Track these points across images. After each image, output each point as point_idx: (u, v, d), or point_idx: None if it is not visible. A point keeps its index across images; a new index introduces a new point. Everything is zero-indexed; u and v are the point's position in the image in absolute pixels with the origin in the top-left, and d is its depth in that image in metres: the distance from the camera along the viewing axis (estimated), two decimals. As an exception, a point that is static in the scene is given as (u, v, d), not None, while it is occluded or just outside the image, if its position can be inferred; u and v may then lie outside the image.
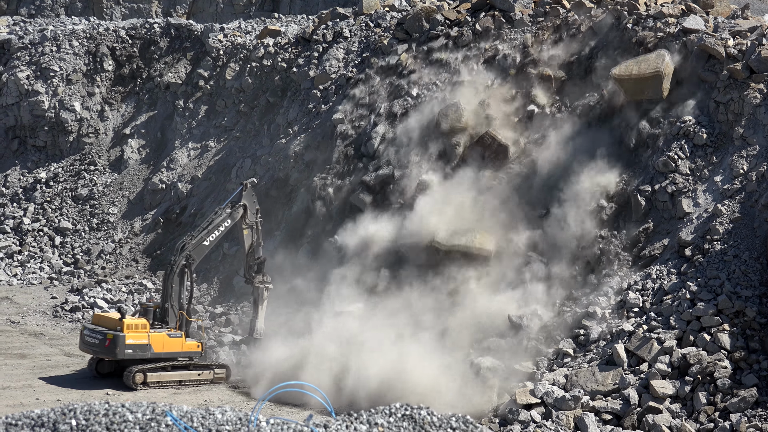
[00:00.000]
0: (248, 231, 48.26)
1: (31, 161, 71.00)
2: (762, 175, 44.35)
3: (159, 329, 46.01)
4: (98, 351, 45.44)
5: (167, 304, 46.57)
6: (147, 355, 45.44)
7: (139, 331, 45.25)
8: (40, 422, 22.42)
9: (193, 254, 46.81)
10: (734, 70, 47.64)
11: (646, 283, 44.00)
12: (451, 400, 40.35)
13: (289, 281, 52.29)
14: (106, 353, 45.24)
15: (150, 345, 45.37)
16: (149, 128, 70.10)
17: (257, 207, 48.83)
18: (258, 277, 48.31)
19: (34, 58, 73.24)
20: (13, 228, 67.35)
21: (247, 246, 48.44)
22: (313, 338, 46.54)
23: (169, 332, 46.06)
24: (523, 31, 57.14)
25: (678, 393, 39.17)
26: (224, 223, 47.63)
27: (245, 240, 48.35)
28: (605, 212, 48.06)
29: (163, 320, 46.52)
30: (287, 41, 68.62)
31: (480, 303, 47.26)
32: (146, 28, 73.79)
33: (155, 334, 45.64)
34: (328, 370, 43.55)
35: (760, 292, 41.04)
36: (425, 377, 42.62)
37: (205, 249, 47.61)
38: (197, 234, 47.47)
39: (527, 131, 53.55)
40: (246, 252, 48.55)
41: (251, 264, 48.39)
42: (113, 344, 44.64)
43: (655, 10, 53.69)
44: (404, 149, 56.06)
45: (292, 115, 63.54)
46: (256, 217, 48.41)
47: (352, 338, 45.60)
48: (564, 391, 40.61)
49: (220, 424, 22.38)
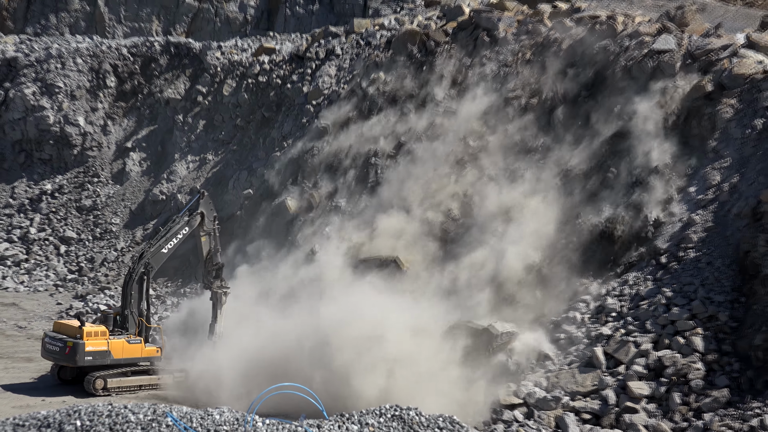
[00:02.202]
0: (206, 238, 47.47)
1: (37, 173, 71.01)
2: (734, 186, 44.46)
3: (118, 336, 45.15)
4: (59, 358, 44.57)
5: (127, 310, 45.63)
6: (107, 362, 44.56)
7: (99, 338, 44.38)
8: (46, 423, 22.51)
9: (152, 262, 45.89)
10: (699, 86, 48.10)
11: (623, 289, 44.17)
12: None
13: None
14: (67, 360, 44.30)
15: (109, 351, 44.54)
16: (150, 142, 70.14)
17: (215, 214, 48.06)
18: (216, 282, 47.44)
19: (39, 75, 73.27)
20: (20, 237, 67.33)
21: (205, 252, 47.61)
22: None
23: (128, 338, 45.16)
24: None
25: (654, 393, 39.26)
26: (182, 231, 46.77)
27: (203, 246, 47.54)
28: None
29: (123, 327, 45.61)
30: (282, 58, 68.73)
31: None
32: (147, 46, 73.84)
33: (115, 341, 44.79)
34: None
35: (732, 297, 41.14)
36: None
37: (163, 256, 46.63)
38: (156, 242, 46.60)
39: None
40: (204, 258, 47.73)
41: (209, 269, 47.58)
42: (73, 351, 43.80)
43: (632, 28, 53.90)
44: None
45: (287, 129, 63.65)
46: (214, 224, 47.60)
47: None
48: (545, 392, 40.68)
49: (218, 425, 22.47)
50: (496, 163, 53.74)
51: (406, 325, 42.88)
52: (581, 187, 49.90)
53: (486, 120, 55.64)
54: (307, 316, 44.04)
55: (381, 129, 58.57)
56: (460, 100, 57.43)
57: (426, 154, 56.23)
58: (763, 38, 51.83)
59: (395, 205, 54.37)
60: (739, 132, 46.30)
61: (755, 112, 46.39)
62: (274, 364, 41.22)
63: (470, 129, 55.78)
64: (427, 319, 44.00)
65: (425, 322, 43.81)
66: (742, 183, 44.33)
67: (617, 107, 50.55)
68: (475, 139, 55.30)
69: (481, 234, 50.24)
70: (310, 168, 59.60)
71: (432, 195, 54.02)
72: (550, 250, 48.22)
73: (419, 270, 50.38)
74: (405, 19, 67.73)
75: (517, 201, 50.80)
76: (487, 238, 49.68)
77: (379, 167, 57.16)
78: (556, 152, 52.14)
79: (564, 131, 52.68)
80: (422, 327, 43.30)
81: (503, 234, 49.31)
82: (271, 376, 39.16)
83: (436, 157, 55.66)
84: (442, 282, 48.55)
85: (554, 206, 49.69)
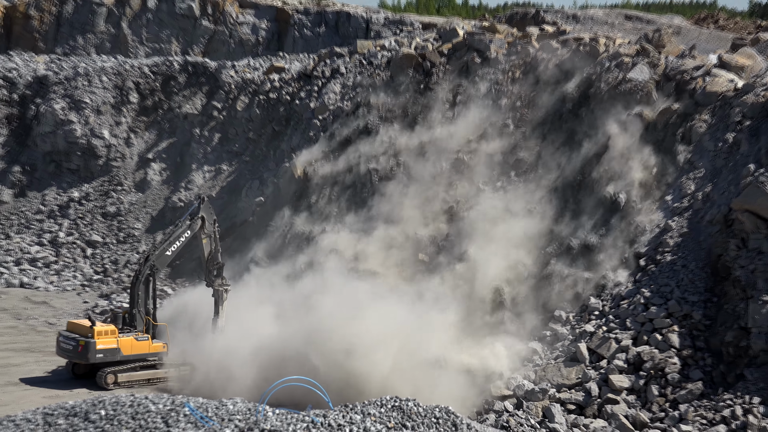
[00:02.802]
0: (207, 240, 47.11)
1: (66, 182, 70.99)
2: (707, 195, 44.48)
3: (127, 333, 44.98)
4: (72, 356, 44.43)
5: (135, 310, 45.47)
6: (117, 358, 44.39)
7: (109, 336, 44.22)
8: (73, 412, 22.48)
9: (157, 264, 45.73)
10: (669, 110, 48.44)
11: (605, 290, 44.28)
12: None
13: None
14: (80, 358, 44.18)
15: (119, 348, 44.37)
16: (169, 153, 70.14)
17: (214, 218, 47.74)
18: (218, 280, 47.14)
19: (68, 92, 73.27)
20: (50, 241, 67.30)
21: (206, 253, 47.23)
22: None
23: (136, 336, 45.03)
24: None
25: (633, 386, 39.23)
26: (185, 234, 46.57)
27: (204, 248, 47.17)
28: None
29: (132, 325, 45.41)
30: (291, 77, 68.74)
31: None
32: (167, 65, 73.85)
33: (124, 339, 44.61)
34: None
35: (705, 297, 41.13)
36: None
37: (167, 258, 46.52)
38: (160, 245, 46.44)
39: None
40: (206, 258, 47.33)
41: (211, 269, 47.22)
42: (85, 350, 43.66)
43: (613, 50, 53.93)
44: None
45: (295, 142, 63.66)
46: (214, 226, 47.29)
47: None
48: (533, 384, 40.65)
49: (232, 414, 22.43)
50: (484, 178, 53.61)
51: (408, 325, 42.76)
52: (566, 198, 49.84)
53: (477, 136, 55.55)
54: (311, 316, 43.76)
55: (379, 145, 58.45)
56: (454, 118, 57.40)
57: (420, 169, 56.07)
58: (734, 59, 51.92)
59: (389, 219, 54.09)
60: (711, 145, 46.34)
61: (727, 126, 46.42)
62: (281, 360, 41.07)
63: (463, 145, 55.69)
64: (424, 322, 43.73)
65: (425, 323, 43.61)
66: (714, 192, 44.34)
67: (600, 123, 50.53)
68: (466, 154, 55.19)
69: (471, 244, 50.00)
70: (312, 184, 59.41)
71: (425, 209, 53.79)
72: (539, 258, 48.12)
73: (409, 280, 49.89)
74: (404, 41, 67.72)
75: (507, 212, 50.66)
76: (476, 248, 49.42)
77: (376, 182, 56.97)
78: (544, 165, 52.07)
79: (550, 146, 52.64)
80: (422, 327, 43.12)
81: (491, 243, 49.12)
82: (277, 370, 39.19)
83: (429, 173, 55.48)
84: (431, 289, 48.01)
85: (542, 214, 49.64)
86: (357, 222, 55.31)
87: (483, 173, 53.78)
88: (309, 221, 57.70)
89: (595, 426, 37.85)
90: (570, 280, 45.92)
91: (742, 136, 45.32)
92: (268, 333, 43.69)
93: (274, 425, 21.46)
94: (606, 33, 64.91)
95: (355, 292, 45.10)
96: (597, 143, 50.11)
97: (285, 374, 29.76)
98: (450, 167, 55.12)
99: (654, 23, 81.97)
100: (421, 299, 45.88)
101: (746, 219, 40.35)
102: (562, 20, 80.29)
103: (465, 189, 53.73)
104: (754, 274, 39.17)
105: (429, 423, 22.83)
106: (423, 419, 22.96)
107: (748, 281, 39.24)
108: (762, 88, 46.70)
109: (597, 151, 49.86)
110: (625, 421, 37.59)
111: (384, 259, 51.59)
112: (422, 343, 41.90)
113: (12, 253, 66.66)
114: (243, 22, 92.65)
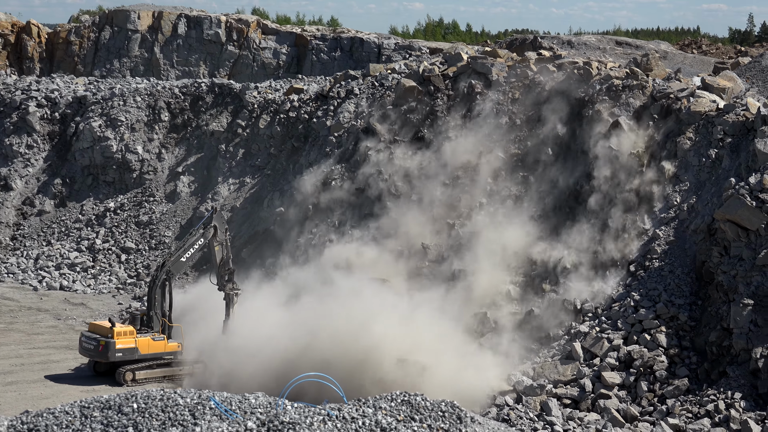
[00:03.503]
0: (219, 247, 46.60)
1: (102, 194, 70.97)
2: (692, 206, 44.45)
3: (145, 334, 44.73)
4: (93, 355, 44.21)
5: (151, 312, 45.18)
6: (135, 357, 44.13)
7: (127, 336, 43.99)
8: (107, 405, 22.32)
9: (172, 269, 45.38)
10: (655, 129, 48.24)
11: (598, 293, 44.11)
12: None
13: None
14: (100, 357, 43.98)
15: (137, 348, 44.10)
16: (197, 167, 70.09)
17: (226, 227, 47.47)
18: (229, 284, 46.68)
19: (105, 111, 73.30)
20: (87, 247, 67.27)
21: (218, 259, 46.67)
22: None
23: (153, 336, 44.75)
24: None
25: (624, 382, 39.06)
26: (198, 242, 46.21)
27: (217, 255, 46.63)
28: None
29: (149, 326, 45.14)
30: (309, 97, 68.65)
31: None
32: (195, 86, 73.85)
33: (141, 339, 44.36)
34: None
35: (690, 300, 41.06)
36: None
37: (182, 265, 46.22)
38: (176, 252, 46.15)
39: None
40: (218, 264, 46.82)
41: (222, 274, 46.68)
42: (105, 349, 43.44)
43: (605, 73, 53.76)
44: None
45: (313, 157, 63.57)
46: (225, 235, 46.93)
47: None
48: (532, 380, 40.46)
49: (254, 407, 22.25)
50: (485, 193, 53.33)
51: (422, 328, 42.48)
52: (562, 212, 49.59)
53: (479, 153, 55.32)
54: (322, 317, 43.27)
55: (387, 163, 58.22)
56: (457, 136, 57.22)
57: (425, 184, 55.79)
58: (716, 81, 51.87)
59: (395, 232, 53.74)
60: (696, 160, 46.30)
61: (710, 143, 46.40)
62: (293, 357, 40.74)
63: (465, 161, 55.44)
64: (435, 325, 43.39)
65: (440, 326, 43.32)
66: (698, 203, 44.32)
67: (593, 141, 50.34)
68: (468, 170, 54.91)
69: (474, 251, 49.66)
70: (325, 197, 59.22)
71: (429, 225, 53.42)
72: (534, 268, 47.71)
73: (415, 289, 49.31)
74: (413, 65, 67.59)
75: (506, 222, 50.37)
76: (475, 262, 49.00)
77: (384, 197, 56.73)
78: (541, 180, 51.85)
79: (548, 163, 52.44)
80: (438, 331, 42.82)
81: (492, 253, 48.77)
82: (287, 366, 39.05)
83: (434, 188, 55.14)
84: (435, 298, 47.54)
85: (539, 226, 49.39)
86: (365, 234, 55.02)
87: (484, 188, 53.48)
88: (323, 232, 57.50)
89: (589, 419, 37.71)
90: (564, 288, 45.61)
91: (723, 152, 45.35)
92: (280, 334, 43.26)
93: (293, 418, 21.32)
94: (598, 57, 64.81)
95: (365, 299, 44.66)
96: (590, 158, 49.91)
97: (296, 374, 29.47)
98: (453, 182, 54.87)
99: (642, 48, 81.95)
100: (425, 306, 45.47)
101: (728, 228, 40.35)
102: (558, 45, 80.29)
103: (467, 203, 53.39)
104: (735, 279, 39.12)
105: (435, 416, 22.67)
106: (430, 412, 22.80)
107: (730, 286, 39.20)
108: (742, 108, 46.68)
109: (590, 167, 49.65)
110: (617, 414, 37.45)
111: (391, 269, 51.16)
112: (427, 347, 41.38)
113: (53, 259, 66.67)
114: (265, 47, 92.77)
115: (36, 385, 43.69)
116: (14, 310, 57.43)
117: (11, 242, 69.27)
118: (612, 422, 37.09)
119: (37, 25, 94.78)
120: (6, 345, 50.10)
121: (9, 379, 44.46)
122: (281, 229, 59.94)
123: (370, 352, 40.32)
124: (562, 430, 37.30)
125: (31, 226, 70.04)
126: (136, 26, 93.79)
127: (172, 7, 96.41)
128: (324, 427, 21.24)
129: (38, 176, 72.52)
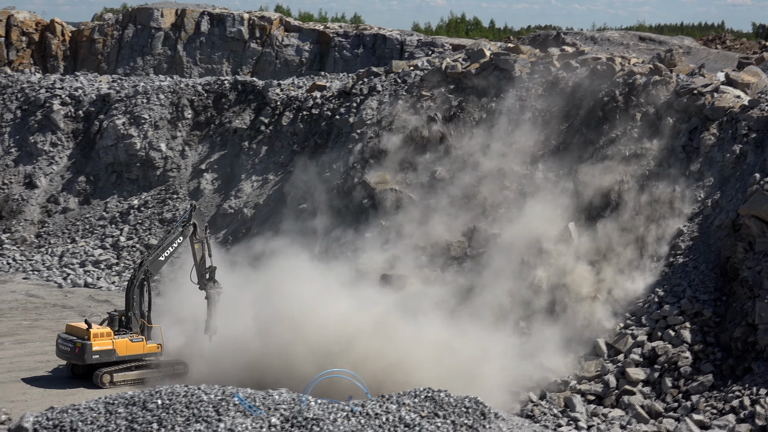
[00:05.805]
0: (199, 245, 45.30)
1: (126, 191, 71.23)
2: (716, 202, 44.28)
3: (123, 335, 44.00)
4: (70, 357, 43.62)
5: (130, 312, 44.34)
6: (112, 359, 43.39)
7: (104, 338, 43.27)
8: (132, 401, 22.40)
9: (151, 269, 44.54)
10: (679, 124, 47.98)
11: (622, 289, 43.97)
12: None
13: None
14: (77, 359, 43.33)
15: (114, 350, 43.36)
16: (220, 164, 70.23)
17: (206, 224, 46.70)
18: (210, 283, 45.18)
19: (128, 108, 73.57)
20: (111, 245, 67.53)
21: (198, 258, 45.29)
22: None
23: (131, 337, 43.97)
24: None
25: (648, 378, 38.94)
26: (177, 240, 45.21)
27: (196, 253, 45.29)
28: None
29: (128, 327, 44.34)
30: (331, 94, 68.68)
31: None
32: (218, 84, 74.00)
33: (119, 340, 43.60)
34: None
35: (714, 296, 40.91)
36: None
37: (161, 264, 45.27)
38: (154, 251, 45.40)
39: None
40: (197, 263, 45.36)
41: (203, 272, 45.26)
42: (82, 351, 42.77)
43: (628, 69, 53.54)
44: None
45: (335, 154, 63.58)
46: (205, 232, 45.72)
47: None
48: (556, 376, 40.44)
49: (278, 404, 22.26)
50: (508, 188, 53.09)
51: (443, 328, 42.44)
52: (589, 209, 49.18)
53: (501, 149, 55.13)
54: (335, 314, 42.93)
55: (411, 159, 58.12)
56: (479, 133, 57.05)
57: (450, 181, 55.59)
58: (740, 76, 51.58)
59: (417, 231, 53.57)
60: (720, 156, 46.11)
61: (734, 139, 46.19)
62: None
63: (487, 158, 55.21)
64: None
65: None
66: (723, 199, 44.15)
67: (617, 137, 50.13)
68: (491, 167, 54.68)
69: (496, 249, 49.42)
70: (348, 193, 59.17)
71: (452, 222, 53.23)
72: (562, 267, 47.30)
73: (436, 285, 49.11)
74: (435, 61, 67.45)
75: (530, 218, 50.04)
76: (498, 256, 48.76)
77: (406, 193, 56.62)
78: (566, 177, 51.50)
79: (571, 159, 52.14)
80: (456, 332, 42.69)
81: (512, 250, 48.44)
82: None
83: (457, 186, 54.95)
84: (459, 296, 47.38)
85: (563, 222, 49.02)
86: (384, 230, 54.91)
87: (506, 185, 53.26)
88: (343, 227, 57.47)
89: (613, 415, 37.64)
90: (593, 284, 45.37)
91: (748, 148, 45.19)
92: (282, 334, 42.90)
93: (317, 414, 21.32)
94: (621, 53, 64.44)
95: (387, 304, 44.39)
96: (614, 155, 49.71)
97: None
98: (477, 179, 54.69)
99: (666, 44, 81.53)
100: (453, 307, 45.35)
101: (753, 224, 40.22)
102: (581, 41, 79.96)
103: (490, 200, 53.15)
104: (760, 275, 38.96)
105: (459, 412, 22.60)
106: (454, 408, 22.74)
107: (755, 281, 39.04)
108: (766, 103, 46.45)
109: (614, 163, 49.44)
110: (641, 410, 37.33)
111: (412, 267, 50.93)
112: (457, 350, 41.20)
113: (77, 256, 66.96)
114: (288, 44, 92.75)
115: (61, 381, 43.85)
116: (39, 307, 57.76)
117: (36, 240, 69.66)
118: (636, 418, 36.99)
119: (60, 23, 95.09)
120: (32, 342, 50.41)
121: (34, 375, 44.71)
122: (303, 225, 59.83)
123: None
124: (586, 426, 37.25)
125: (55, 223, 70.41)
126: (159, 24, 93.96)
127: (195, 5, 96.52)
128: (348, 423, 21.23)
129: (62, 174, 72.87)
